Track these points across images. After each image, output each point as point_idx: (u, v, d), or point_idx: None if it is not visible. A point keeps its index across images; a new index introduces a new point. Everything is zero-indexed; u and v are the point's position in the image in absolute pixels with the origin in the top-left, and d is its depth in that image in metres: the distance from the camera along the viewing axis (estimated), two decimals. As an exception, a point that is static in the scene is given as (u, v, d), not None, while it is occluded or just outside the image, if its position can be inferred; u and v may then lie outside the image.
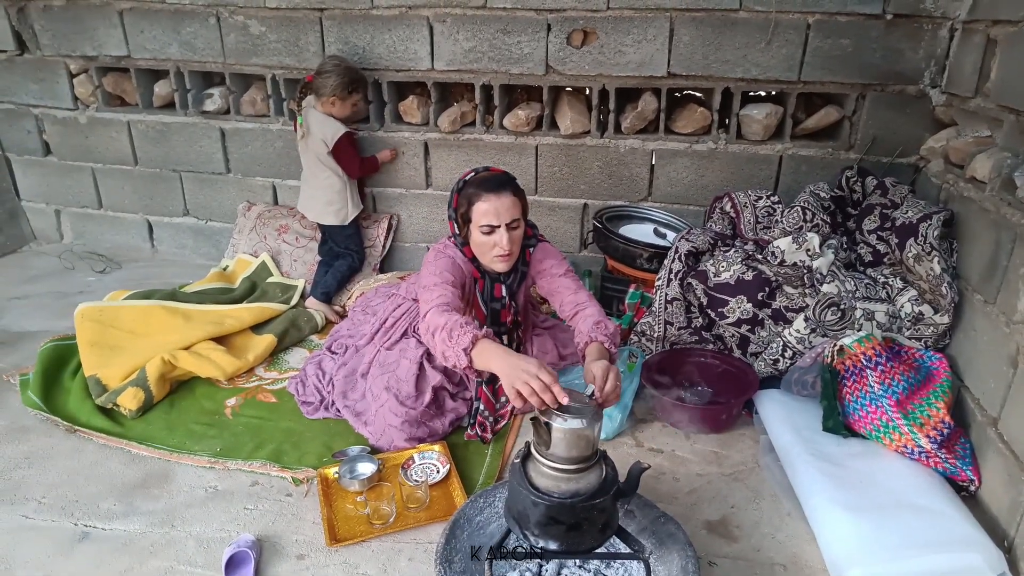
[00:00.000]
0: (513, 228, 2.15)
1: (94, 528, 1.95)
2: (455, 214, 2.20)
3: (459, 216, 2.19)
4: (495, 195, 2.10)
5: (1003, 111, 2.21)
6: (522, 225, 2.20)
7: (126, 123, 3.76)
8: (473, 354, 1.80)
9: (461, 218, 2.19)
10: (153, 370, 2.50)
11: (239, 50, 3.40)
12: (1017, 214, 2.01)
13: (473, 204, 2.12)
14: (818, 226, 2.66)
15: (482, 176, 2.17)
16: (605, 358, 1.91)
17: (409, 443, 2.25)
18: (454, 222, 2.23)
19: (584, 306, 2.19)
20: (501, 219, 2.11)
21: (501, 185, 2.13)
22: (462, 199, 2.16)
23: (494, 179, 2.14)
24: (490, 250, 2.17)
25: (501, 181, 2.14)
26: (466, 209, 2.15)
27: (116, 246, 4.05)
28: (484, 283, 2.30)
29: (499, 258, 2.18)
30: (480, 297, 2.30)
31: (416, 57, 3.20)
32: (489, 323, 2.31)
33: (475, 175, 2.18)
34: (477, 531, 1.82)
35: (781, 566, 1.86)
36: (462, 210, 2.17)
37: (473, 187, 2.14)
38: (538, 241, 2.39)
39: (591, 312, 2.15)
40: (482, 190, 2.11)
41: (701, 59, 2.94)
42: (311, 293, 3.27)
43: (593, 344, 2.00)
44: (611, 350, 2.02)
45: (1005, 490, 1.93)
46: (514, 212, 2.14)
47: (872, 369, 2.21)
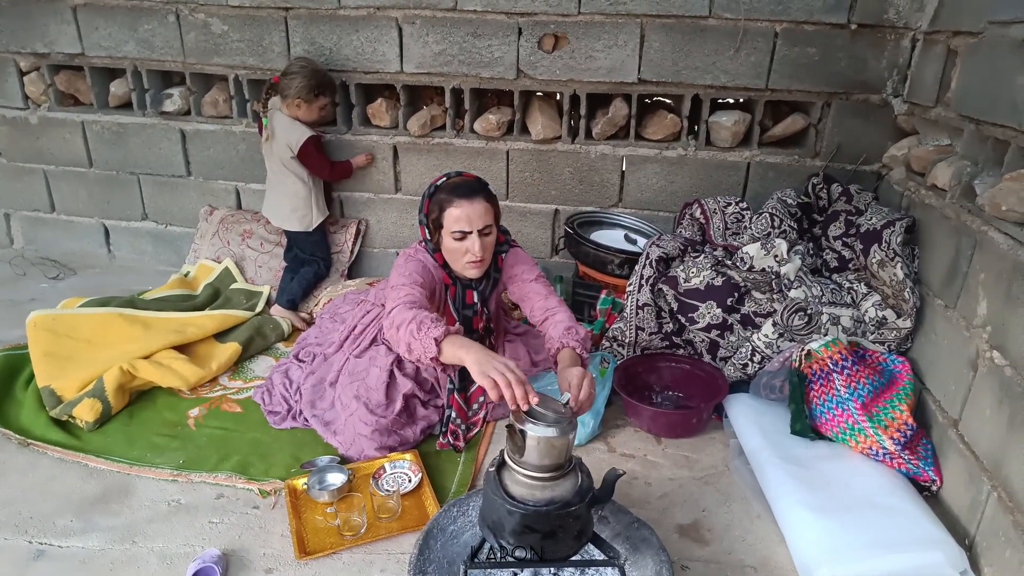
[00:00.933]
0: (485, 234, 2.14)
1: (50, 546, 1.88)
2: (426, 220, 2.18)
3: (430, 222, 2.17)
4: (467, 201, 2.09)
5: (963, 120, 2.27)
6: (494, 231, 2.19)
7: (80, 124, 3.65)
8: (443, 344, 1.78)
9: (432, 224, 2.16)
10: (111, 380, 2.42)
11: (200, 49, 3.33)
12: (977, 221, 2.06)
13: (445, 210, 2.10)
14: (786, 232, 2.70)
15: (454, 182, 2.15)
16: (577, 364, 1.92)
17: (380, 452, 2.22)
18: (425, 227, 2.21)
19: (554, 311, 2.17)
20: (473, 225, 2.10)
21: (474, 191, 2.11)
22: (433, 205, 2.14)
23: (466, 185, 2.13)
24: (462, 256, 2.15)
25: (474, 187, 2.13)
26: (438, 215, 2.13)
27: (70, 252, 3.92)
28: (456, 289, 2.28)
29: (471, 264, 2.16)
30: (452, 304, 2.28)
31: (385, 59, 3.16)
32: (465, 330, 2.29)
33: (447, 180, 2.16)
34: (451, 540, 1.80)
35: (752, 568, 1.87)
36: (433, 216, 2.14)
37: (445, 193, 2.11)
38: (510, 247, 2.38)
39: (561, 318, 2.13)
40: (454, 196, 2.09)
41: (671, 65, 2.96)
42: (276, 300, 3.21)
43: (565, 350, 1.99)
44: (583, 355, 2.02)
45: (965, 489, 1.97)
46: (486, 218, 2.12)
47: (838, 373, 2.25)
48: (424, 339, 1.79)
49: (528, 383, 1.56)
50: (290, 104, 3.01)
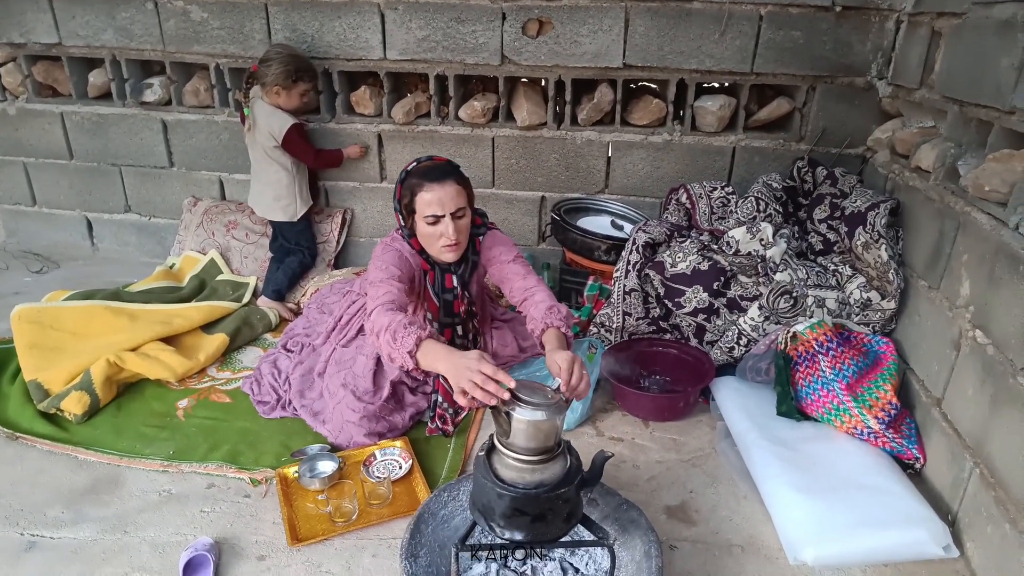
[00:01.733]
0: (458, 217, 2.12)
1: (41, 537, 1.87)
2: (399, 205, 2.16)
3: (403, 207, 2.15)
4: (438, 184, 2.06)
5: (947, 102, 2.28)
6: (468, 214, 2.17)
7: (59, 114, 3.60)
8: (418, 356, 1.77)
9: (405, 209, 2.14)
10: (98, 372, 2.41)
11: (180, 37, 3.29)
12: (960, 203, 2.08)
13: (416, 194, 2.08)
14: (771, 216, 2.72)
15: (425, 166, 2.12)
16: (563, 343, 1.90)
17: (369, 438, 2.22)
18: (399, 214, 2.19)
19: (533, 291, 2.15)
20: (446, 208, 2.08)
21: (445, 174, 2.09)
22: (405, 190, 2.12)
23: (437, 168, 2.11)
24: (437, 240, 2.13)
25: (444, 170, 2.11)
26: (410, 200, 2.11)
27: (53, 244, 3.89)
28: (435, 274, 2.26)
29: (446, 248, 2.14)
30: (431, 289, 2.27)
31: (368, 46, 3.14)
32: (442, 315, 2.28)
33: (417, 165, 2.14)
34: (442, 525, 1.81)
35: (739, 547, 1.90)
36: (405, 201, 2.12)
37: (416, 177, 2.09)
38: (488, 229, 2.35)
39: (541, 297, 2.11)
40: (425, 180, 2.07)
41: (656, 50, 2.96)
42: (262, 291, 3.19)
43: (550, 331, 1.97)
44: (567, 334, 2.00)
45: (948, 467, 2.01)
46: (459, 201, 2.10)
47: (823, 354, 2.27)
48: (400, 350, 1.78)
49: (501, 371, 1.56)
50: (270, 92, 2.99)
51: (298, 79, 2.99)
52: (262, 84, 2.99)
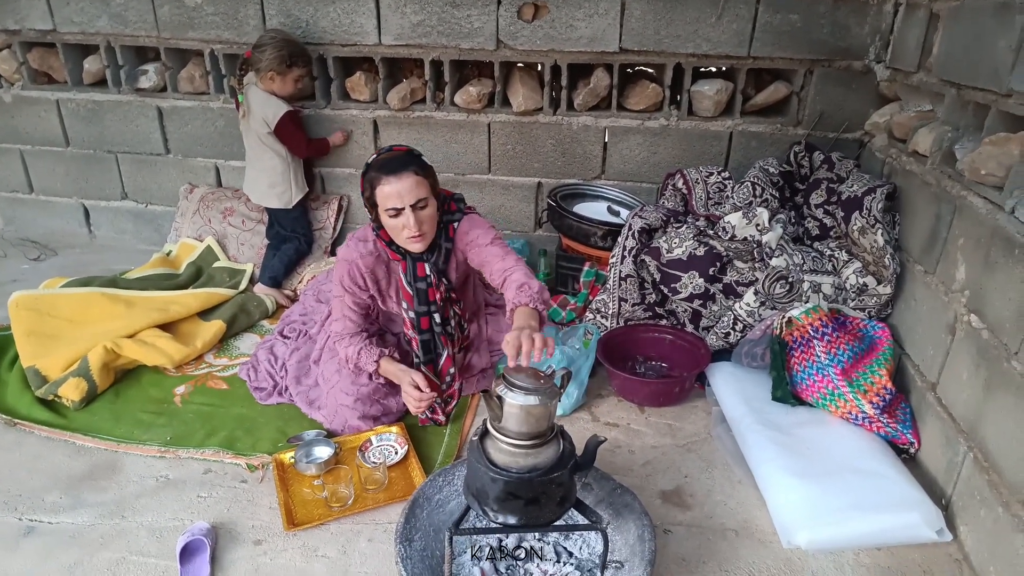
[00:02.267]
0: (420, 208, 2.04)
1: (40, 522, 1.89)
2: (364, 199, 2.10)
3: (366, 201, 2.09)
4: (395, 177, 1.99)
5: (945, 85, 2.27)
6: (431, 203, 2.08)
7: (55, 101, 3.59)
8: (382, 374, 2.23)
9: (368, 203, 2.09)
10: (95, 359, 2.42)
11: (174, 23, 3.27)
12: (956, 186, 2.07)
13: (376, 187, 2.02)
14: (767, 201, 2.71)
15: (383, 158, 2.05)
16: (530, 320, 1.87)
17: (363, 422, 2.23)
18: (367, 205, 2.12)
19: (511, 271, 2.09)
20: (405, 201, 2.00)
21: (402, 165, 2.01)
22: (366, 183, 2.05)
23: (395, 160, 2.03)
24: (401, 232, 2.07)
25: (402, 161, 2.03)
26: (370, 193, 2.05)
27: (50, 232, 3.89)
28: (407, 264, 2.20)
29: (411, 239, 2.08)
30: (404, 278, 2.22)
31: (362, 31, 3.12)
32: (417, 304, 2.23)
33: (376, 157, 2.06)
34: (436, 509, 1.83)
35: (733, 531, 1.91)
36: (367, 194, 2.06)
37: (375, 170, 2.03)
38: (464, 214, 2.25)
39: (516, 276, 2.06)
40: (382, 173, 2.00)
41: (652, 34, 2.94)
42: (259, 278, 3.19)
43: (518, 309, 1.93)
44: (538, 309, 1.95)
45: (942, 452, 2.01)
46: (419, 192, 2.02)
47: (819, 339, 2.28)
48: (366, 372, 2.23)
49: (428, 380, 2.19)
50: (264, 78, 2.97)
51: (292, 64, 2.97)
52: (256, 70, 2.97)
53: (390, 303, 2.29)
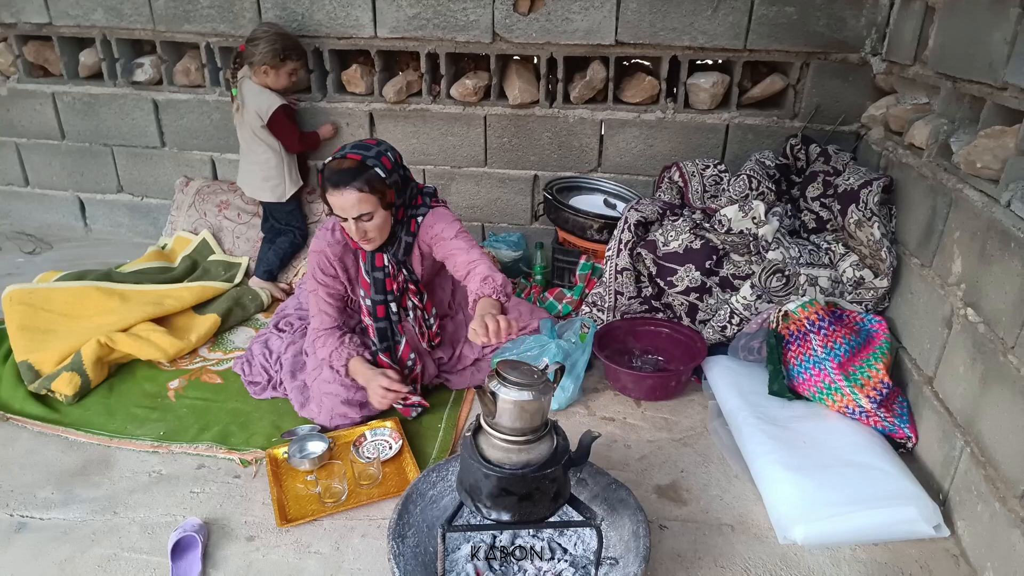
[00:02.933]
0: (364, 220, 2.04)
1: (31, 518, 1.88)
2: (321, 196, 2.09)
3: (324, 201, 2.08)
4: (338, 191, 1.99)
5: (940, 78, 2.25)
6: (378, 214, 2.06)
7: (51, 95, 3.58)
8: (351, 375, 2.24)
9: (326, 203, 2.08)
10: (89, 353, 2.41)
11: (170, 16, 3.25)
12: (952, 179, 2.06)
13: (325, 192, 2.03)
14: (763, 194, 2.70)
15: (332, 166, 2.01)
16: (495, 310, 1.91)
17: (348, 407, 2.23)
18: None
19: (475, 264, 2.11)
20: (348, 213, 2.02)
21: (343, 181, 1.98)
22: (320, 186, 2.05)
23: (338, 174, 1.99)
24: (354, 235, 2.10)
25: (345, 176, 1.98)
26: (324, 197, 2.05)
27: (46, 225, 3.88)
28: (365, 254, 2.23)
29: (362, 242, 2.12)
30: (363, 267, 2.24)
31: (358, 24, 3.10)
32: (374, 292, 2.25)
33: (331, 160, 2.03)
34: (430, 505, 1.82)
35: (729, 526, 1.90)
36: (322, 195, 2.06)
37: (324, 176, 2.02)
38: (429, 208, 2.24)
39: (480, 270, 2.07)
40: (328, 184, 2.00)
41: (648, 27, 2.92)
42: (254, 272, 3.18)
43: (482, 300, 1.98)
44: (501, 300, 2.00)
45: (939, 446, 2.01)
46: (361, 207, 2.00)
47: (815, 333, 2.27)
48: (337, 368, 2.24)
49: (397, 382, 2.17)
50: (258, 71, 2.95)
51: (286, 57, 2.95)
52: (250, 64, 2.96)
53: (358, 290, 2.31)
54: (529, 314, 2.60)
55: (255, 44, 2.91)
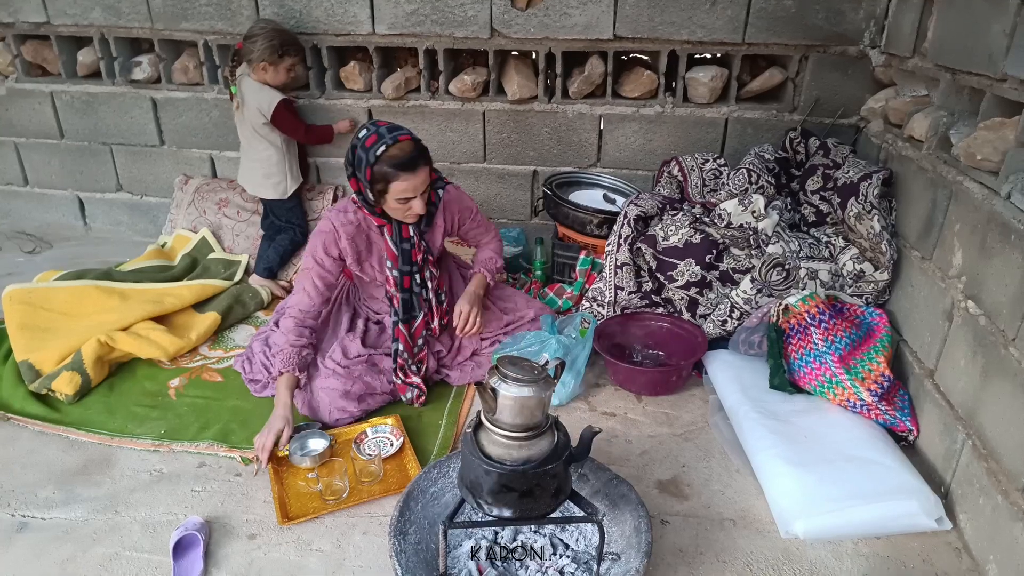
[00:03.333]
0: (424, 193, 2.20)
1: (32, 518, 1.88)
2: (370, 186, 2.13)
3: (374, 190, 2.14)
4: (412, 174, 2.10)
5: (940, 70, 2.25)
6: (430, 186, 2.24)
7: (49, 94, 3.57)
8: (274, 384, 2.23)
9: (376, 192, 2.14)
10: (89, 352, 2.41)
11: (167, 14, 3.24)
12: (952, 172, 2.06)
13: (391, 183, 2.10)
14: (763, 188, 2.69)
15: (394, 154, 2.08)
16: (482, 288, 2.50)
17: (346, 400, 2.23)
18: (368, 189, 2.14)
19: (489, 242, 2.59)
20: (417, 191, 2.15)
21: (415, 162, 2.11)
22: (377, 175, 2.10)
23: (408, 158, 2.09)
24: (405, 213, 2.22)
25: (414, 156, 2.10)
26: (383, 186, 2.12)
27: (45, 224, 3.87)
28: (392, 227, 2.30)
29: (412, 216, 2.25)
30: (390, 239, 2.31)
31: (356, 20, 3.09)
32: (401, 263, 2.33)
33: (386, 150, 2.07)
34: (431, 502, 1.82)
35: (730, 521, 1.90)
36: (379, 187, 2.12)
37: (388, 165, 2.08)
38: (443, 182, 2.41)
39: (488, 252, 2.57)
40: (401, 171, 2.08)
41: (647, 21, 2.91)
42: (254, 269, 3.18)
43: (476, 275, 2.51)
44: (488, 280, 2.53)
45: (941, 439, 2.01)
46: (427, 181, 2.18)
47: (816, 327, 2.26)
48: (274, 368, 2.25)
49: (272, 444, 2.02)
50: (256, 68, 2.95)
51: (284, 54, 2.95)
52: (248, 61, 2.96)
53: (369, 270, 2.38)
54: (525, 305, 2.64)
55: (253, 41, 2.90)
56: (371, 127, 2.13)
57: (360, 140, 2.11)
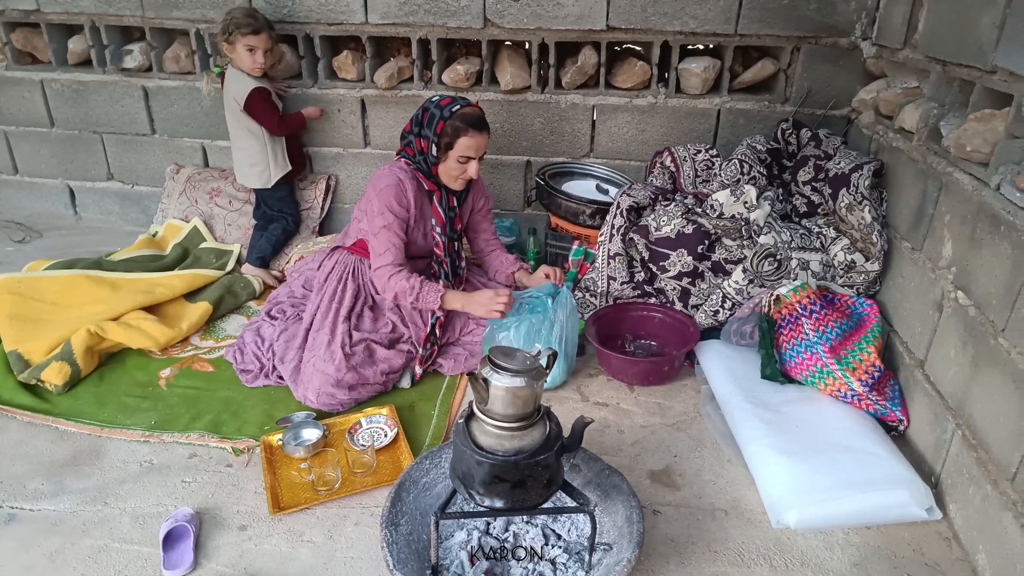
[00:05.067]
0: (480, 160, 2.42)
1: (21, 509, 1.87)
2: (437, 139, 2.32)
3: (441, 143, 2.33)
4: (479, 133, 2.34)
5: (930, 62, 2.25)
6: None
7: (39, 82, 3.54)
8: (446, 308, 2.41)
9: (443, 145, 2.34)
10: (79, 343, 2.39)
11: (159, 3, 3.21)
12: (943, 163, 2.06)
13: (459, 137, 2.31)
14: (755, 178, 2.69)
15: (467, 112, 2.34)
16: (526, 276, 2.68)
17: (337, 388, 2.23)
18: (432, 144, 2.33)
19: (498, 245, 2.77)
20: (479, 152, 2.38)
21: (484, 124, 2.37)
22: (448, 128, 2.31)
23: (479, 118, 2.36)
24: (459, 174, 2.40)
25: (483, 120, 2.38)
26: (451, 139, 2.32)
27: (35, 213, 3.84)
28: (441, 194, 2.48)
29: (463, 180, 2.43)
30: (439, 205, 2.48)
31: (349, 9, 3.07)
32: (448, 229, 2.52)
33: (460, 108, 2.33)
34: (423, 493, 1.82)
35: (722, 511, 1.91)
36: (446, 139, 2.32)
37: (461, 121, 2.31)
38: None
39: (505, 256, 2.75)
40: (471, 127, 2.32)
41: (640, 11, 2.90)
42: (247, 259, 3.17)
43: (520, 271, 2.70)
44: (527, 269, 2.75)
45: (931, 429, 2.02)
46: (486, 148, 2.42)
47: (807, 317, 2.27)
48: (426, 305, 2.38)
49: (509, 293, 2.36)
50: (224, 52, 2.97)
51: (233, 32, 2.89)
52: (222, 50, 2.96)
53: (417, 233, 2.49)
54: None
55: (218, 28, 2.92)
56: (443, 95, 2.40)
57: (434, 102, 2.36)
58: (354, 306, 2.46)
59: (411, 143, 2.41)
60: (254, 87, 2.97)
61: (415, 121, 2.39)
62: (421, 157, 2.40)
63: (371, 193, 2.40)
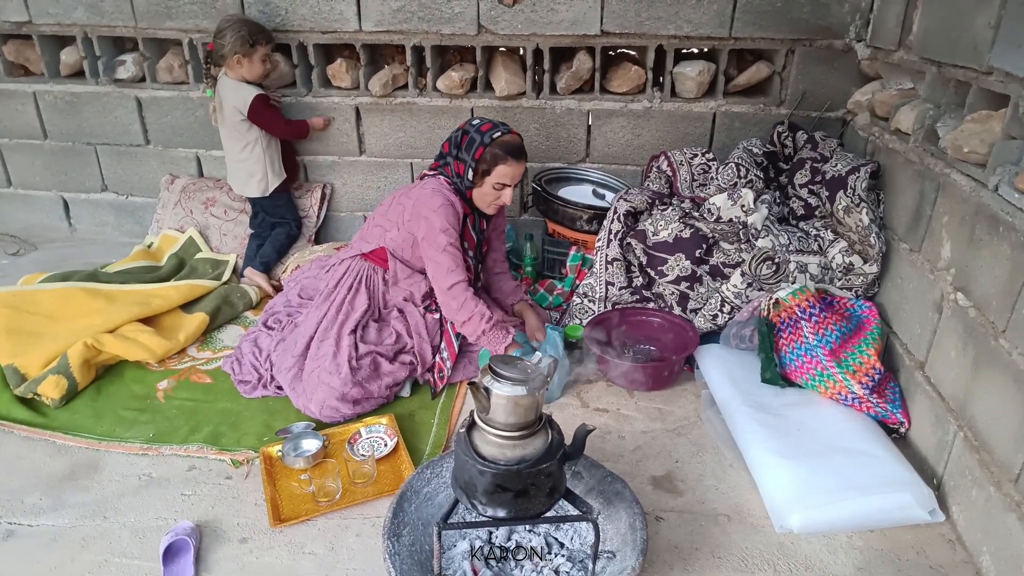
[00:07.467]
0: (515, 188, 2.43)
1: (19, 525, 1.86)
2: (475, 165, 2.33)
3: (479, 169, 2.34)
4: (517, 162, 2.35)
5: (925, 63, 2.25)
6: None
7: (32, 94, 3.52)
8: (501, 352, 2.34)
9: (480, 172, 2.35)
10: (75, 356, 2.37)
11: (151, 13, 3.20)
12: (939, 164, 2.06)
13: (497, 164, 2.32)
14: (752, 182, 2.69)
15: (508, 139, 2.34)
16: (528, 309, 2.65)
17: (341, 402, 2.22)
18: (470, 169, 2.34)
19: (506, 271, 2.74)
20: (514, 180, 2.39)
21: (522, 153, 2.38)
22: (487, 155, 2.32)
23: (519, 147, 2.37)
24: (493, 200, 2.42)
25: (522, 149, 2.38)
26: (489, 166, 2.33)
27: (29, 226, 3.82)
28: (475, 217, 2.50)
29: (496, 206, 2.45)
30: (472, 228, 2.49)
31: (342, 17, 3.07)
32: (478, 251, 2.55)
33: (501, 136, 2.33)
34: (425, 503, 1.81)
35: (725, 516, 1.90)
36: (484, 166, 2.33)
37: (500, 149, 2.32)
38: None
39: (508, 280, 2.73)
40: (510, 156, 2.33)
41: (634, 16, 2.91)
42: (250, 264, 3.15)
43: (520, 304, 2.67)
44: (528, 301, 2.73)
45: (932, 430, 2.01)
46: (521, 176, 2.43)
47: (807, 320, 2.27)
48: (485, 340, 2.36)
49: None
50: (232, 64, 2.94)
51: (255, 43, 2.91)
52: (222, 57, 2.94)
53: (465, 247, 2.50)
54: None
55: (222, 37, 2.89)
56: (483, 120, 2.40)
57: (475, 126, 2.37)
58: (362, 318, 2.44)
59: (448, 163, 2.42)
60: (257, 94, 2.97)
61: (454, 143, 2.39)
62: (457, 179, 2.40)
63: (424, 210, 2.36)
